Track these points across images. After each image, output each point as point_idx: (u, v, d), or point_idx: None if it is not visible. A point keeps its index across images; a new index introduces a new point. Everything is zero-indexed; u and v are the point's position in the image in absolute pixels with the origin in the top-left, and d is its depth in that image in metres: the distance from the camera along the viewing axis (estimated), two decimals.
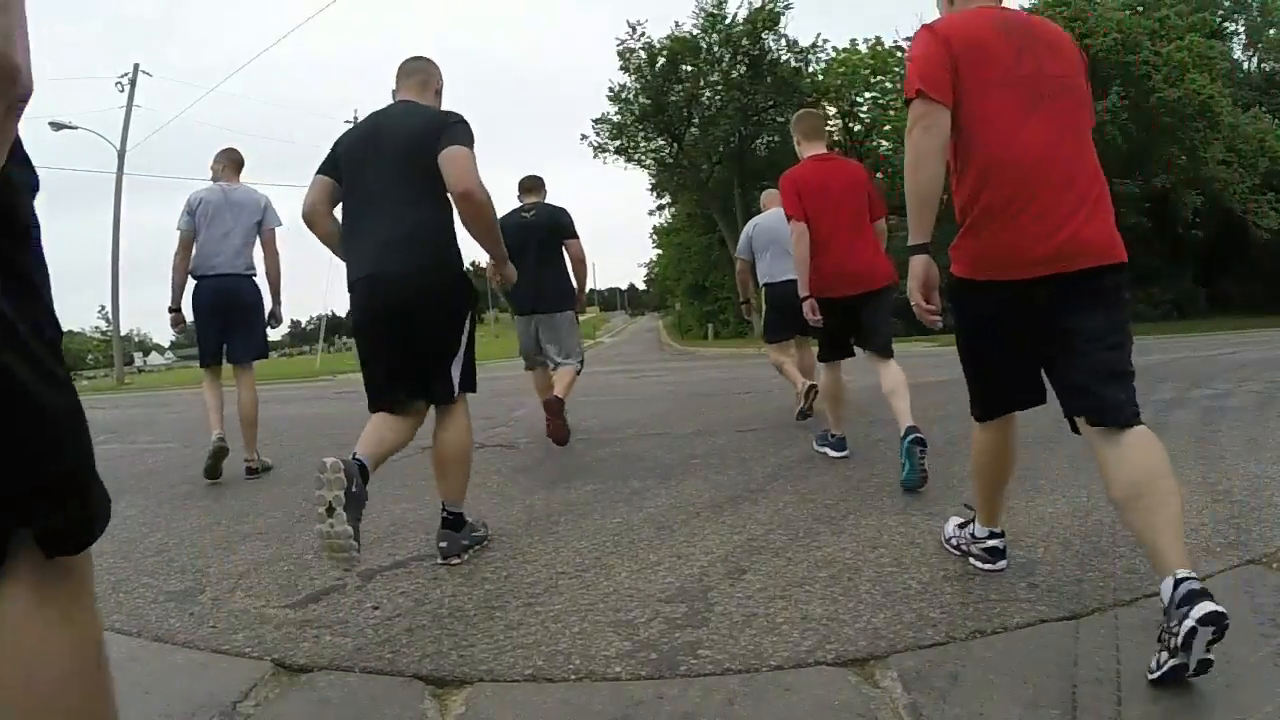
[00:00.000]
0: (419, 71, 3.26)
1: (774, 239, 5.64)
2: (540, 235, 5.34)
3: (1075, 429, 2.26)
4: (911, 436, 3.62)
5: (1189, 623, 1.66)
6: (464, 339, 3.06)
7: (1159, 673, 1.73)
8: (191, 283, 5.00)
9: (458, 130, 2.91)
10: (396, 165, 2.93)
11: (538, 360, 5.64)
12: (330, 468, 2.47)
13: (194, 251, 4.93)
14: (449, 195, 2.91)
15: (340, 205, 3.09)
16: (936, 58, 2.25)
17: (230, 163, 5.22)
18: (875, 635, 2.11)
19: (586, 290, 5.79)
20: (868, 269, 4.14)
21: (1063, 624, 2.12)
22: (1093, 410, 2.12)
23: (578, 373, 5.53)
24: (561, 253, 5.50)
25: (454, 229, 3.02)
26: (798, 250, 4.17)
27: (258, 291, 5.16)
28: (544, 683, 1.96)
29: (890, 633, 2.12)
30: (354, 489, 2.54)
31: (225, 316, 5.00)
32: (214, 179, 5.16)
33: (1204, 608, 1.66)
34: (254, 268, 5.14)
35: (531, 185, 5.65)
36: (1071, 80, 2.25)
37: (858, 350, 4.30)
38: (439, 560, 2.91)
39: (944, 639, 2.06)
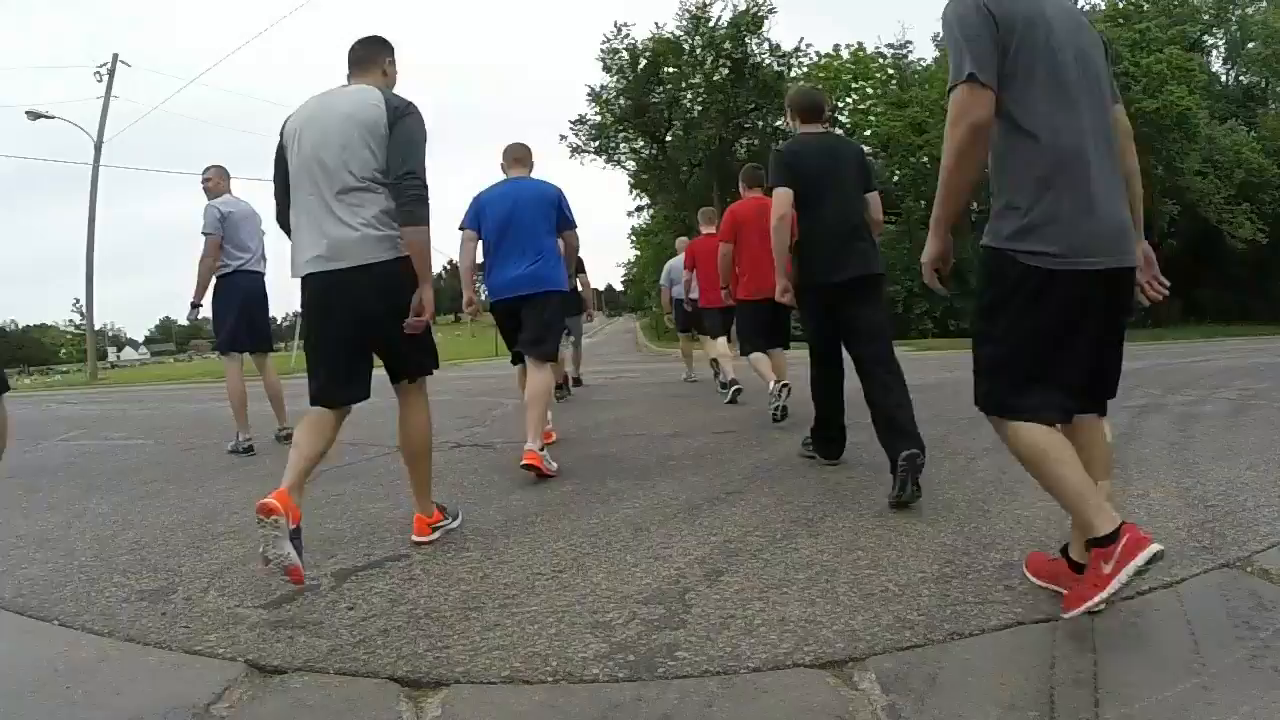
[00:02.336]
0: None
1: (678, 275, 9.19)
2: None
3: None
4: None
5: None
6: None
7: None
8: (214, 280, 5.70)
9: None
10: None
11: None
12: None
13: (222, 253, 5.62)
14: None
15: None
16: (728, 221, 5.92)
17: (227, 178, 5.93)
18: (853, 637, 2.11)
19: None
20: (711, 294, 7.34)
21: (1040, 626, 2.13)
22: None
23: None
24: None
25: None
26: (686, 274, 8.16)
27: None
28: (521, 684, 1.95)
29: (868, 635, 2.12)
30: None
31: (253, 309, 5.81)
32: (215, 193, 5.77)
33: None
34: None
35: None
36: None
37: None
38: None
39: (922, 641, 2.07)
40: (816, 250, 3.87)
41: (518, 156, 4.83)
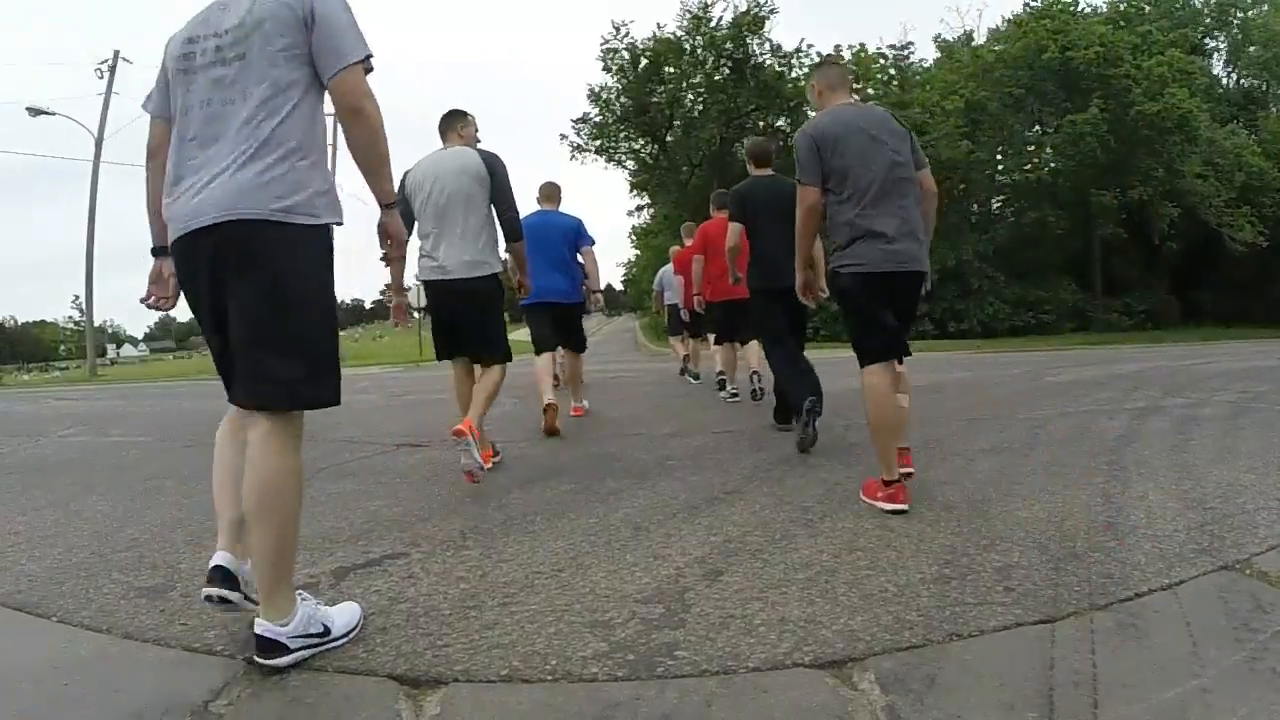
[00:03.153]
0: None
1: (669, 282, 10.54)
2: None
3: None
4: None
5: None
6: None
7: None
8: None
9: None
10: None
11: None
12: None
13: None
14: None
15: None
16: (699, 238, 7.31)
17: None
18: (853, 637, 2.11)
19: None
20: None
21: (1039, 627, 2.13)
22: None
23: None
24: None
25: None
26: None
27: None
28: (520, 684, 1.94)
29: (868, 635, 2.12)
30: None
31: None
32: None
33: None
34: None
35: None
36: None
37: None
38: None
39: (921, 642, 2.07)
40: (764, 264, 5.31)
41: (549, 194, 6.46)
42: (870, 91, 32.90)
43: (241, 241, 2.05)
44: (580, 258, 6.45)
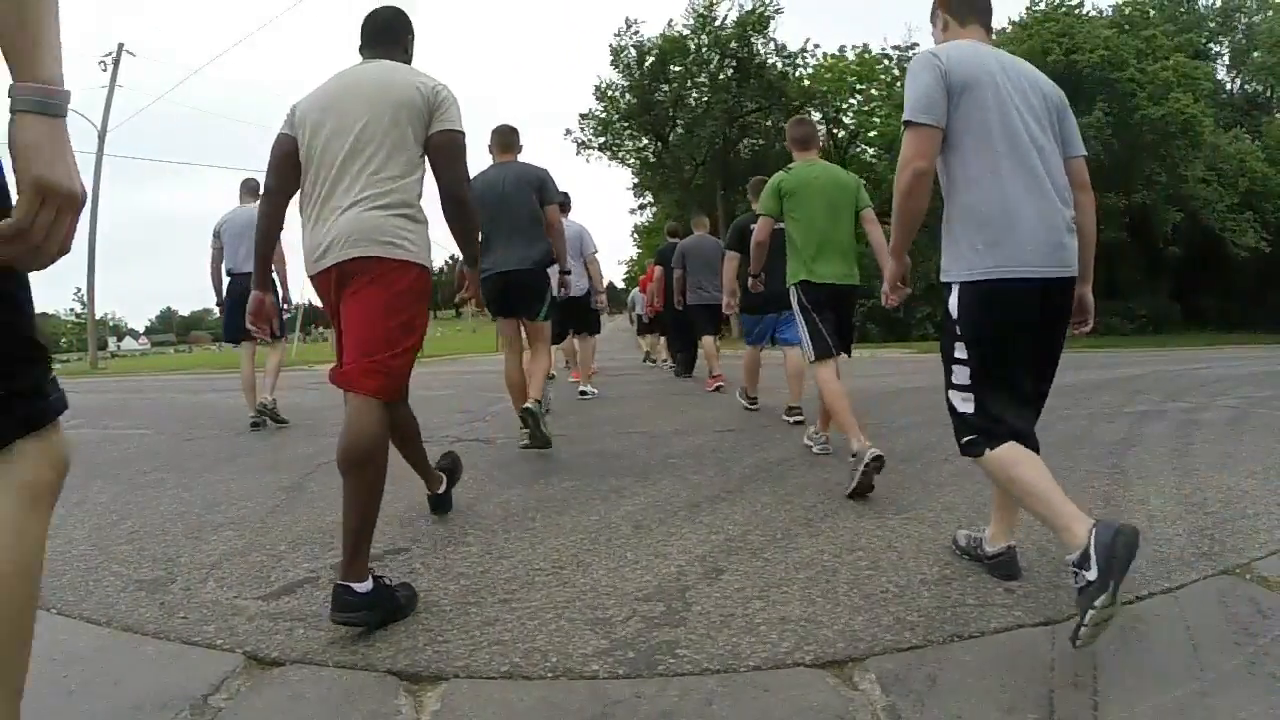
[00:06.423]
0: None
1: (637, 299, 15.96)
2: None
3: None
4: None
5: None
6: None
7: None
8: (227, 279, 6.70)
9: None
10: None
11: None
12: None
13: (225, 257, 6.59)
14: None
15: None
16: (650, 275, 13.26)
17: (245, 192, 6.78)
18: (853, 637, 2.11)
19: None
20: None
21: (1040, 629, 2.13)
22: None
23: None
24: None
25: None
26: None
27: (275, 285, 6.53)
28: (520, 680, 1.94)
29: (868, 635, 2.12)
30: None
31: (243, 306, 6.21)
32: (243, 203, 6.67)
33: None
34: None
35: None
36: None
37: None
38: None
39: (922, 642, 2.07)
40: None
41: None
42: (874, 93, 32.94)
43: None
44: None
